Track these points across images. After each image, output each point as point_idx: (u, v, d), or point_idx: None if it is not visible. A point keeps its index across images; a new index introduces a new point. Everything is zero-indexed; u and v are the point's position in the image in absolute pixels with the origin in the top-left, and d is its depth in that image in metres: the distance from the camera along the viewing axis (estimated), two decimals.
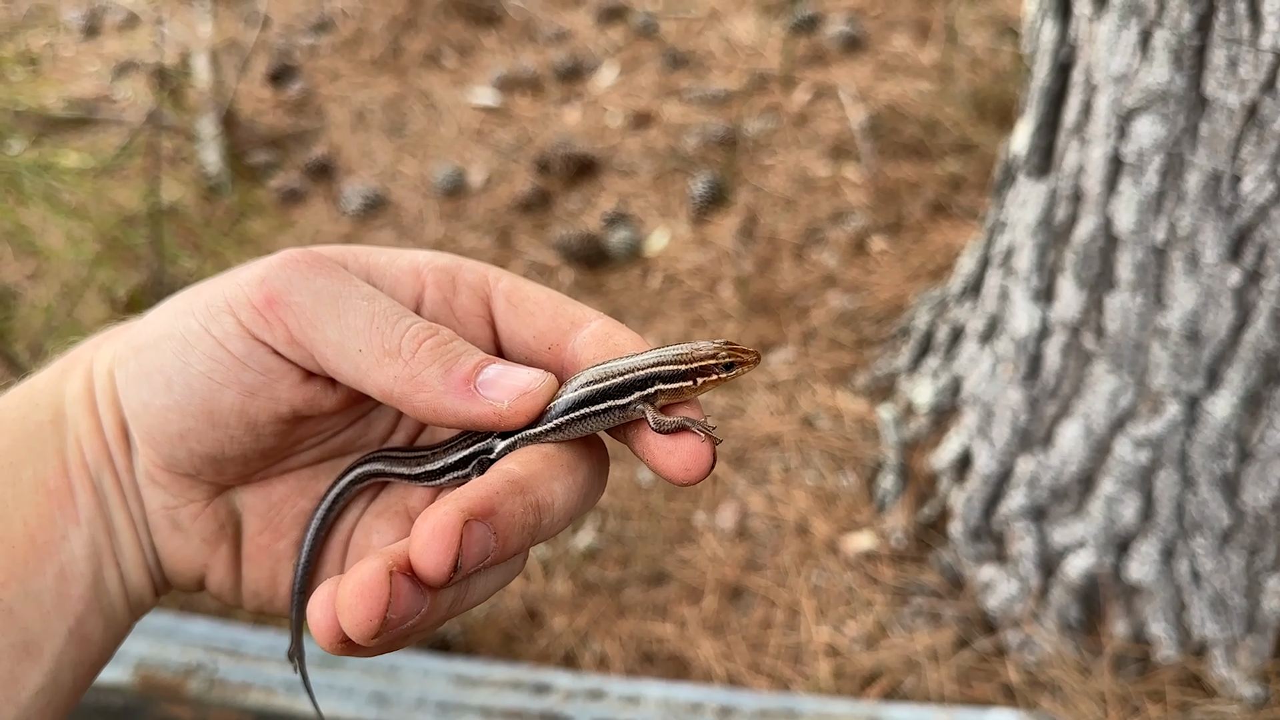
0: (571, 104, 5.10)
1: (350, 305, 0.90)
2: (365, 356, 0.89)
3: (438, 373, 0.89)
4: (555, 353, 0.96)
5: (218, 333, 0.90)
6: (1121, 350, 2.59)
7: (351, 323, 0.89)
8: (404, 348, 0.89)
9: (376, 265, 0.98)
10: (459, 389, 0.89)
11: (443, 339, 0.90)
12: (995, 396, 2.93)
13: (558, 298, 0.98)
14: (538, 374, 0.92)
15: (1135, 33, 2.37)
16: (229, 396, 0.92)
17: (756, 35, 5.36)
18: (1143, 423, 2.60)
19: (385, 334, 0.89)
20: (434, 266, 0.99)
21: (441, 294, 0.98)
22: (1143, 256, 2.49)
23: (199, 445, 0.95)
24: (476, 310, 0.98)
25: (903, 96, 4.82)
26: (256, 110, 5.08)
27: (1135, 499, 2.66)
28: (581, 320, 0.96)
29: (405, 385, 0.89)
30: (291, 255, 0.92)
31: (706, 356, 0.97)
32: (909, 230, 4.17)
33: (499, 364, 0.92)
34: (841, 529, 3.19)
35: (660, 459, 0.90)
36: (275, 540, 1.03)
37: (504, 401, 0.90)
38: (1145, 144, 2.41)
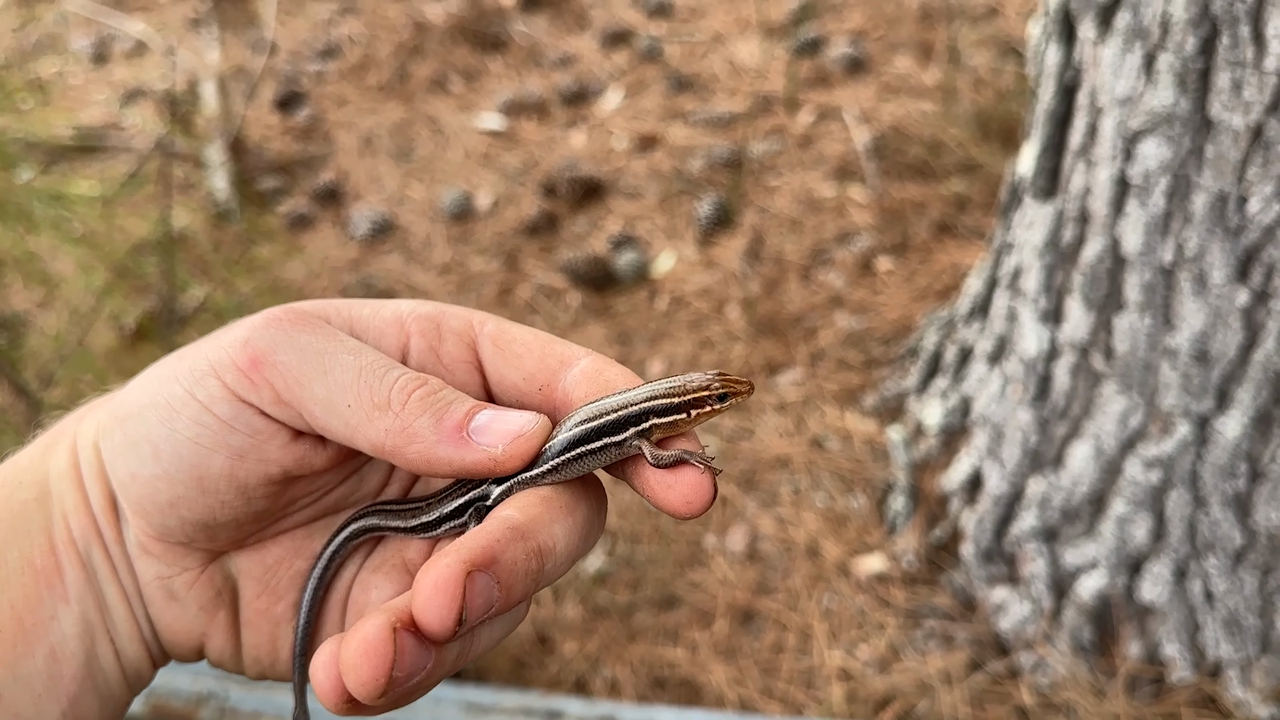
0: (577, 128, 5.12)
1: (336, 361, 0.89)
2: (355, 412, 0.88)
3: (429, 423, 0.88)
4: (546, 394, 0.95)
5: (203, 397, 0.89)
6: (1131, 371, 2.59)
7: (339, 378, 0.88)
8: (393, 400, 0.88)
9: (359, 318, 0.96)
10: (452, 437, 0.88)
11: (432, 388, 0.89)
12: (1005, 417, 2.93)
13: (545, 338, 0.97)
14: (530, 416, 0.91)
15: (1140, 56, 2.39)
16: (218, 461, 0.90)
17: (760, 58, 5.39)
18: (1153, 443, 2.60)
19: (373, 387, 0.88)
20: (417, 315, 0.97)
21: (427, 342, 0.97)
22: (1150, 277, 2.50)
23: (190, 512, 0.93)
24: (464, 357, 0.97)
25: (906, 117, 4.84)
26: (264, 137, 5.11)
27: (1147, 519, 2.66)
28: (570, 359, 0.96)
29: (397, 438, 0.87)
30: (274, 314, 0.91)
31: (700, 388, 0.96)
32: (915, 250, 4.18)
33: (490, 409, 0.90)
34: (852, 551, 3.18)
35: (660, 494, 0.90)
36: (273, 603, 1.01)
37: (498, 447, 0.89)
38: (1151, 166, 2.42)
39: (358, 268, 4.38)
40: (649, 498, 0.91)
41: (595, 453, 0.92)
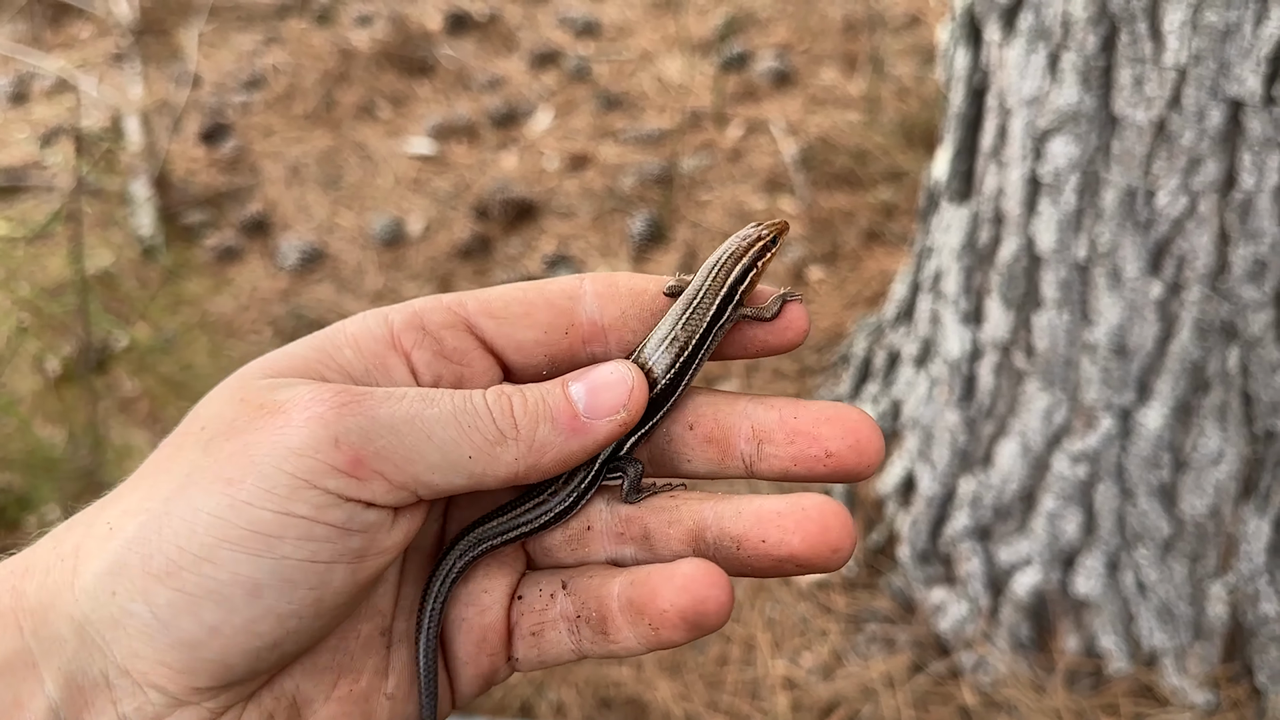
0: (508, 149, 5.11)
1: (429, 420, 0.82)
2: (477, 460, 0.83)
3: (548, 429, 0.85)
4: (575, 333, 0.92)
5: (308, 511, 0.78)
6: (1052, 367, 2.62)
7: (444, 436, 0.82)
8: (504, 428, 0.84)
9: (350, 364, 0.89)
10: (574, 428, 0.85)
11: (521, 397, 0.85)
12: (933, 419, 2.95)
13: (531, 287, 0.93)
14: (620, 368, 0.88)
15: (1044, 56, 2.42)
16: (339, 572, 0.80)
17: (688, 74, 5.42)
18: (1078, 438, 2.63)
19: (480, 426, 0.83)
20: (400, 329, 0.90)
21: (428, 351, 0.90)
22: (1066, 274, 2.52)
23: (295, 644, 0.81)
24: (469, 344, 0.92)
25: (833, 128, 4.88)
26: (190, 170, 5.04)
27: (1077, 514, 2.68)
28: (575, 289, 0.93)
29: (529, 459, 0.84)
30: (332, 403, 0.80)
31: (756, 240, 0.99)
32: (845, 259, 4.21)
33: (576, 381, 0.88)
34: None
35: (778, 338, 0.94)
36: (356, 682, 0.88)
37: (619, 411, 0.86)
38: (1061, 164, 2.45)
39: (287, 298, 4.33)
40: (758, 350, 0.95)
41: (710, 347, 0.95)
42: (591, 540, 0.95)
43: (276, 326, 4.20)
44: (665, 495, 0.92)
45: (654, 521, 0.91)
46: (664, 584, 0.84)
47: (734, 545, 0.87)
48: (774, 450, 0.90)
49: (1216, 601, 2.63)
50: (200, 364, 3.95)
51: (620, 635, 0.87)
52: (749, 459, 0.91)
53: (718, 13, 5.85)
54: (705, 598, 0.83)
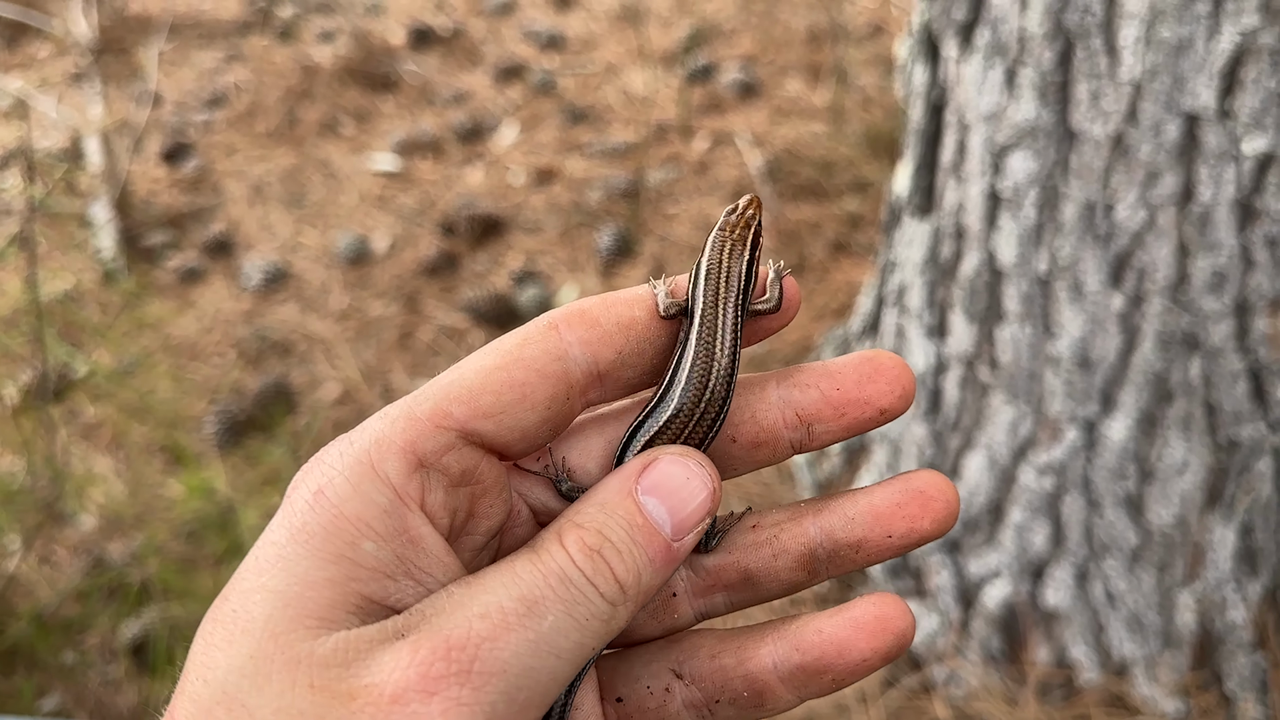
0: (474, 164, 5.09)
1: (547, 633, 0.70)
2: (600, 643, 0.73)
3: (650, 576, 0.74)
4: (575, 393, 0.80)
5: None
6: (1016, 380, 2.62)
7: (564, 642, 0.70)
8: (612, 598, 0.73)
9: (376, 561, 0.72)
10: (668, 560, 0.75)
11: (603, 548, 0.73)
12: (900, 432, 2.95)
13: (512, 361, 0.78)
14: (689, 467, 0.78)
15: (1001, 71, 2.43)
16: None
17: (653, 87, 5.42)
18: (1044, 450, 2.63)
19: (594, 611, 0.72)
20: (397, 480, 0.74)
21: (439, 491, 0.76)
22: (1028, 288, 2.53)
23: None
24: (473, 460, 0.77)
25: (798, 139, 4.89)
26: (151, 191, 4.99)
27: (1044, 525, 2.69)
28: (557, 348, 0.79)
29: (640, 602, 0.75)
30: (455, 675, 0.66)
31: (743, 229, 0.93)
32: (812, 270, 4.21)
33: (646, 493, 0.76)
34: None
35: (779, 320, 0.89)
36: None
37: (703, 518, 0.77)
38: (1020, 179, 2.46)
39: (251, 320, 4.28)
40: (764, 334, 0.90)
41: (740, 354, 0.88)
42: (678, 605, 0.86)
43: (240, 348, 4.15)
44: (748, 529, 0.85)
45: (753, 561, 0.85)
46: (854, 635, 0.80)
47: (853, 550, 0.83)
48: (825, 427, 0.84)
49: (1185, 610, 2.64)
50: (163, 389, 3.90)
51: (779, 701, 0.82)
52: (798, 444, 0.85)
53: (681, 25, 5.86)
54: (904, 630, 0.79)
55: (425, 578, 0.73)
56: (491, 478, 0.79)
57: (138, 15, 6.21)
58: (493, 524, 0.81)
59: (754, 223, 0.93)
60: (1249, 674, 2.61)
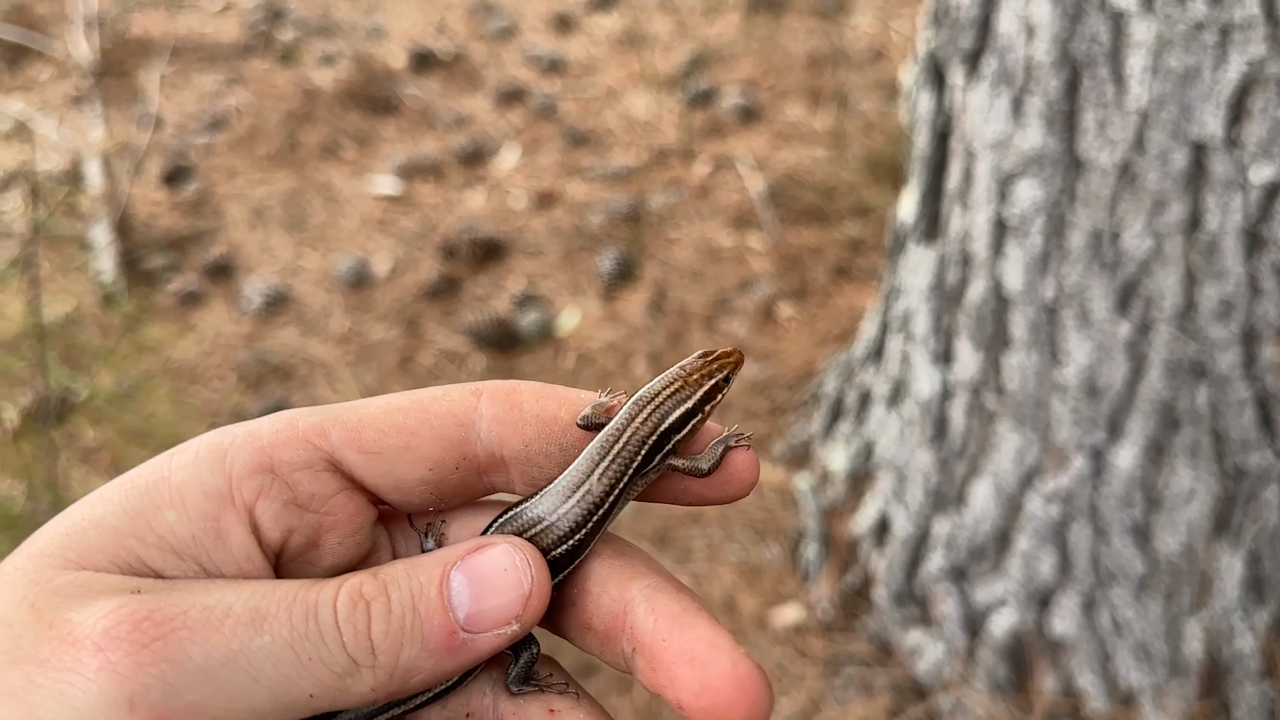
0: (474, 188, 5.09)
1: (256, 655, 0.65)
2: (321, 697, 0.67)
3: (414, 652, 0.69)
4: (467, 466, 0.76)
5: None
6: (1023, 408, 2.62)
7: (277, 675, 0.66)
8: (358, 656, 0.67)
9: (173, 532, 0.70)
10: (450, 648, 0.70)
11: (381, 607, 0.69)
12: (906, 459, 2.94)
13: (412, 405, 0.76)
14: (512, 561, 0.72)
15: (1007, 100, 2.43)
16: None
17: (654, 111, 5.43)
18: (1050, 478, 2.63)
19: (324, 657, 0.67)
20: (239, 478, 0.72)
21: (277, 502, 0.73)
22: (1034, 315, 2.53)
23: None
24: (331, 488, 0.75)
25: (799, 164, 4.90)
26: (152, 213, 4.98)
27: (1051, 554, 2.68)
28: (467, 414, 0.76)
29: (390, 687, 0.69)
30: (121, 637, 0.63)
31: (703, 378, 0.86)
32: (814, 295, 4.21)
33: (457, 574, 0.71)
34: (769, 603, 3.15)
35: (715, 493, 0.81)
36: None
37: (510, 623, 0.70)
38: (1026, 206, 2.46)
39: (251, 343, 4.27)
40: (694, 501, 0.82)
41: (625, 497, 0.81)
42: None
43: (240, 372, 4.14)
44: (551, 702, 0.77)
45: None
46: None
47: None
48: (641, 666, 0.73)
49: (1192, 639, 2.63)
50: (162, 413, 3.88)
51: None
52: (627, 660, 0.74)
53: (682, 49, 5.88)
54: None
55: (214, 569, 0.71)
56: (346, 515, 0.75)
57: (139, 38, 6.23)
58: (337, 562, 0.76)
59: (717, 375, 0.86)
60: (1257, 703, 2.59)
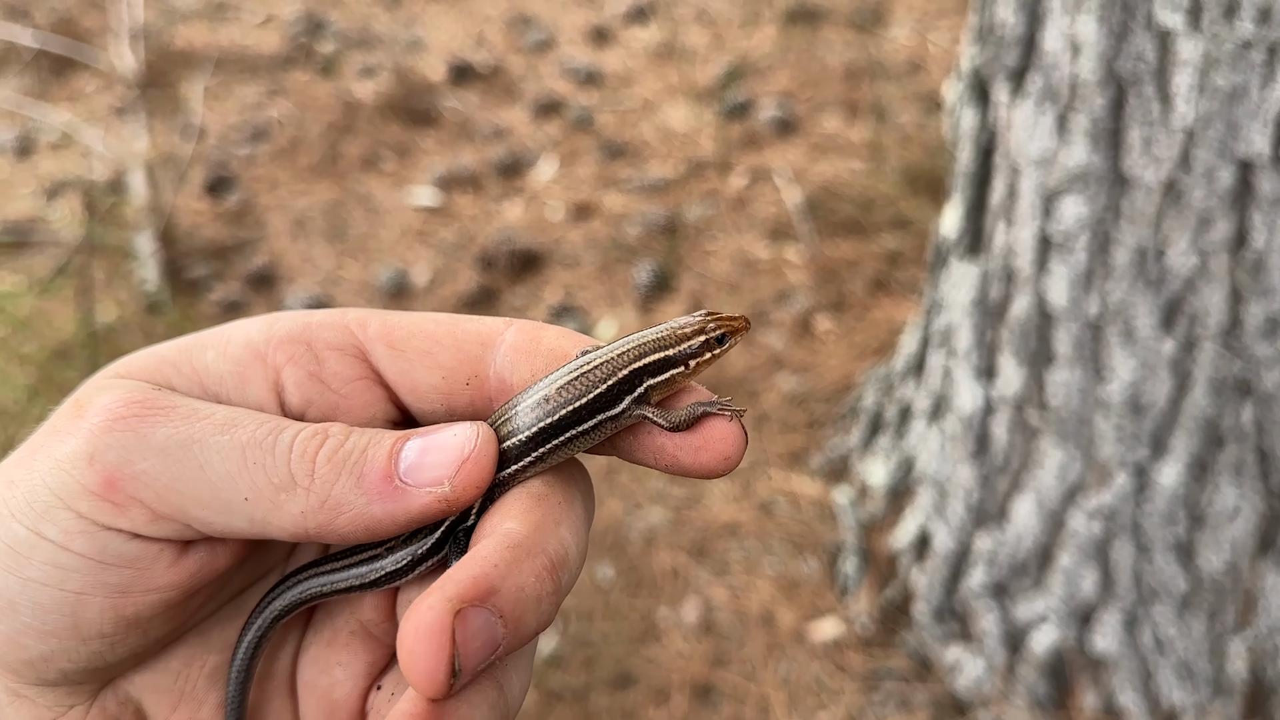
0: (512, 199, 5.14)
1: (211, 448, 0.72)
2: (255, 504, 0.72)
3: (349, 484, 0.72)
4: (477, 386, 0.80)
5: (56, 535, 0.71)
6: (1066, 424, 2.62)
7: (221, 469, 0.71)
8: (297, 472, 0.72)
9: (207, 368, 0.78)
10: (383, 492, 0.72)
11: (337, 440, 0.74)
12: (947, 474, 2.95)
13: (448, 320, 0.81)
14: (465, 430, 0.75)
15: (1052, 117, 2.45)
16: (94, 605, 0.72)
17: (691, 123, 5.46)
18: (1093, 494, 2.63)
19: (268, 465, 0.72)
20: (279, 340, 0.79)
21: (303, 370, 0.79)
22: (1078, 331, 2.54)
23: (70, 663, 0.75)
24: (355, 373, 0.80)
25: (836, 176, 4.92)
26: (195, 223, 5.06)
27: (1093, 570, 2.68)
28: (491, 335, 0.80)
29: (319, 516, 0.72)
30: (112, 411, 0.73)
31: (694, 333, 0.83)
32: (852, 308, 4.22)
33: (417, 438, 0.74)
34: (806, 617, 3.16)
35: (689, 459, 0.77)
36: (195, 711, 0.82)
37: (444, 484, 0.73)
38: (1071, 223, 2.47)
39: None
40: (669, 466, 0.78)
41: (587, 433, 0.79)
42: None
43: None
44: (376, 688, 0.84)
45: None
46: None
47: None
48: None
49: (1236, 658, 2.62)
50: None
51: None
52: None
53: (719, 61, 5.91)
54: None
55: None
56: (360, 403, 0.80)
57: (182, 50, 6.33)
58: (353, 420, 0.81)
59: (711, 333, 0.84)
60: None
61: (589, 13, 6.60)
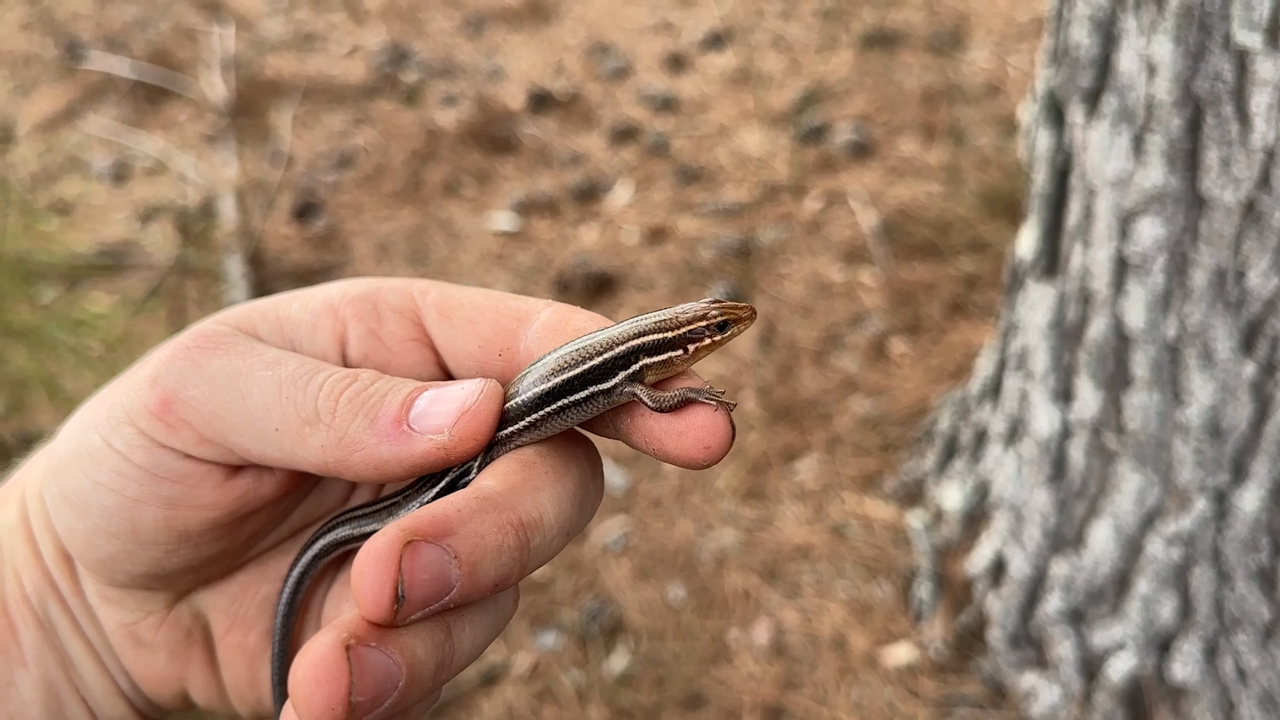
0: (588, 224, 5.24)
1: (253, 381, 0.79)
2: (284, 434, 0.78)
3: (364, 424, 0.77)
4: (508, 358, 0.85)
5: (121, 446, 0.81)
6: (1144, 448, 2.60)
7: (259, 400, 0.78)
8: (321, 409, 0.78)
9: (289, 317, 0.87)
10: (392, 435, 0.77)
11: (362, 384, 0.79)
12: (1024, 499, 2.94)
13: (497, 296, 0.87)
14: (472, 385, 0.80)
15: (1128, 137, 2.45)
16: (149, 513, 0.81)
17: (765, 147, 5.52)
18: (1172, 520, 2.60)
19: (298, 401, 0.78)
20: (351, 298, 0.87)
21: (365, 326, 0.87)
22: (1156, 354, 2.53)
23: (134, 566, 0.84)
24: (409, 334, 0.87)
25: (913, 199, 4.93)
26: (283, 248, 5.25)
27: (1172, 597, 2.65)
28: (529, 314, 0.85)
29: (336, 451, 0.78)
30: (181, 342, 0.82)
31: (695, 318, 0.85)
32: (928, 331, 4.22)
33: (431, 389, 0.80)
34: (879, 641, 3.17)
35: (670, 443, 0.79)
36: (245, 635, 0.92)
37: (444, 432, 0.77)
38: (1148, 244, 2.46)
39: None
40: (656, 450, 0.80)
41: (580, 404, 0.81)
42: None
43: None
44: None
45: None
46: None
47: None
48: None
49: None
50: None
51: None
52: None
53: (795, 86, 5.97)
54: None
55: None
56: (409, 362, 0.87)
57: (271, 80, 6.58)
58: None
59: (714, 320, 0.86)
60: None
61: (666, 40, 6.71)
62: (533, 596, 3.42)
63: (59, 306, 4.16)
